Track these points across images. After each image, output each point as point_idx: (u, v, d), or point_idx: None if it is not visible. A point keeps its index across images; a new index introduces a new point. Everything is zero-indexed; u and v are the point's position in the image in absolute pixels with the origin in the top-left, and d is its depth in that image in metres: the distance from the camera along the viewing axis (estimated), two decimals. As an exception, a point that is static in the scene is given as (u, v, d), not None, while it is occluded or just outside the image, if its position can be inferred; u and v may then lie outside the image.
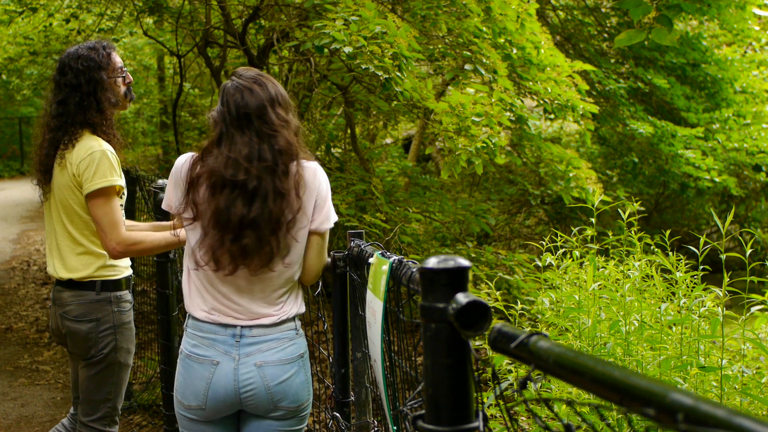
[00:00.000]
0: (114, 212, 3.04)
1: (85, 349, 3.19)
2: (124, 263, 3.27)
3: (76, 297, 3.16)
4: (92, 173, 3.03)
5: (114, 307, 3.18)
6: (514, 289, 5.92)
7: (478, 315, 1.23)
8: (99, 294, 3.16)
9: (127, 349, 3.25)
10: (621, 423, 2.69)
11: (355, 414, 2.77)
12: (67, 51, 3.26)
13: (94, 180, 3.03)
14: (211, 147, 2.44)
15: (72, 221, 3.14)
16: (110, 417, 3.26)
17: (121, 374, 3.26)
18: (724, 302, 2.89)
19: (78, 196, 3.09)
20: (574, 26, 10.53)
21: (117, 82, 3.22)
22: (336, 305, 2.76)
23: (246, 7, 7.49)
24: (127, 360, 3.26)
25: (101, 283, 3.16)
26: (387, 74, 4.65)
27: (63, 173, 3.11)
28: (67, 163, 3.09)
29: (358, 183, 6.66)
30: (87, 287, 3.16)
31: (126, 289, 3.27)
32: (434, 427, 1.27)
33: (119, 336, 3.20)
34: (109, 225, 3.02)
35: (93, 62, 3.15)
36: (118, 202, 3.09)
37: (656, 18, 3.59)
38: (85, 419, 3.25)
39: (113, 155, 3.10)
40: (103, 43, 3.24)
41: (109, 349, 3.19)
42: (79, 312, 3.16)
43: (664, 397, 0.87)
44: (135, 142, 16.62)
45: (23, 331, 7.10)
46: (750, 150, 9.48)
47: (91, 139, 3.10)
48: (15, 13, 9.99)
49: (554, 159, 7.16)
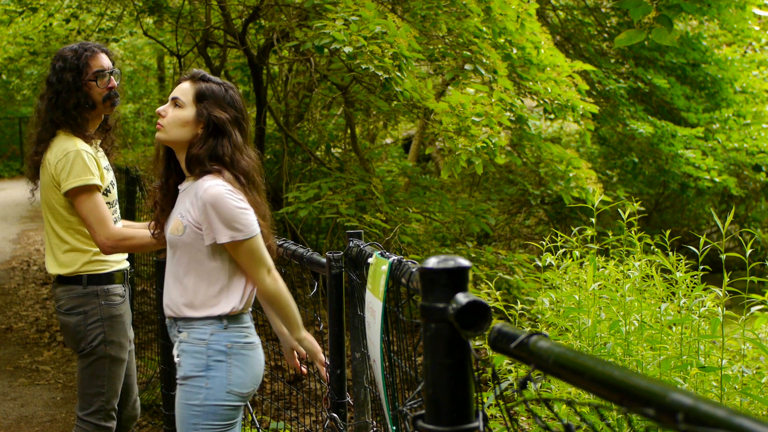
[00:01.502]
0: (98, 208, 3.10)
1: (76, 341, 3.27)
2: (115, 257, 3.29)
3: (66, 291, 3.25)
4: (67, 173, 3.09)
5: (101, 300, 3.23)
6: (514, 289, 5.92)
7: (478, 315, 1.23)
8: (86, 287, 3.23)
9: (118, 342, 3.27)
10: (621, 423, 2.69)
11: (354, 414, 2.77)
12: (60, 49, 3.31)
13: (69, 180, 3.09)
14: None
15: (56, 220, 3.22)
16: (104, 411, 3.29)
17: (114, 368, 3.29)
18: (724, 302, 2.89)
19: (58, 196, 3.16)
20: (574, 26, 10.53)
21: (90, 85, 3.22)
22: (331, 306, 2.76)
23: (246, 7, 7.49)
24: (119, 354, 3.28)
25: (87, 277, 3.23)
26: (387, 74, 4.65)
27: (44, 173, 3.20)
28: (47, 163, 3.17)
29: (358, 183, 6.66)
30: (75, 281, 3.24)
31: (118, 282, 3.31)
32: (434, 427, 1.27)
33: (108, 329, 3.24)
34: (95, 222, 3.08)
35: (67, 63, 3.21)
36: (101, 198, 3.14)
37: (656, 18, 3.59)
38: (80, 413, 3.30)
39: (89, 155, 3.14)
40: (86, 45, 3.27)
41: (98, 342, 3.24)
42: (69, 305, 3.25)
43: (664, 397, 0.87)
44: (135, 142, 16.62)
45: (23, 331, 7.10)
46: (750, 150, 9.48)
47: (67, 140, 3.16)
48: (15, 13, 9.99)
49: (554, 159, 7.16)
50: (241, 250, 2.52)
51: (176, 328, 2.62)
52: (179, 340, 2.60)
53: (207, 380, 2.53)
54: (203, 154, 2.56)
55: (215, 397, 2.53)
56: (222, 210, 2.47)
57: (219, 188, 2.49)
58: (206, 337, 2.55)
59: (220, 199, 2.47)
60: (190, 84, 2.65)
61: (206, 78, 2.66)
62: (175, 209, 2.64)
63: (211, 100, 2.60)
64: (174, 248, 2.61)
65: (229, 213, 2.48)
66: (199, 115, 2.59)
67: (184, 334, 2.59)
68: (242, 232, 2.50)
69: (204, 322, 2.55)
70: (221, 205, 2.47)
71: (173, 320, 2.64)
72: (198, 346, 2.55)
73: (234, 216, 2.48)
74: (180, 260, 2.60)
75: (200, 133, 2.59)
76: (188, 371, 2.55)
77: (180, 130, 2.60)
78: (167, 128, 2.60)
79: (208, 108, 2.59)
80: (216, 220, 2.48)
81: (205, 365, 2.53)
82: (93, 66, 3.24)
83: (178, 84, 2.70)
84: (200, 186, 2.52)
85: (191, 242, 2.55)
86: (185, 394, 2.55)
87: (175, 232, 2.58)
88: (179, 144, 2.62)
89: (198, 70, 2.71)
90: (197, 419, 2.53)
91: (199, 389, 2.53)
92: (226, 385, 2.54)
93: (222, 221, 2.48)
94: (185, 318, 2.58)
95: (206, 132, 2.59)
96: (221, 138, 2.58)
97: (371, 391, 2.70)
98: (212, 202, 2.47)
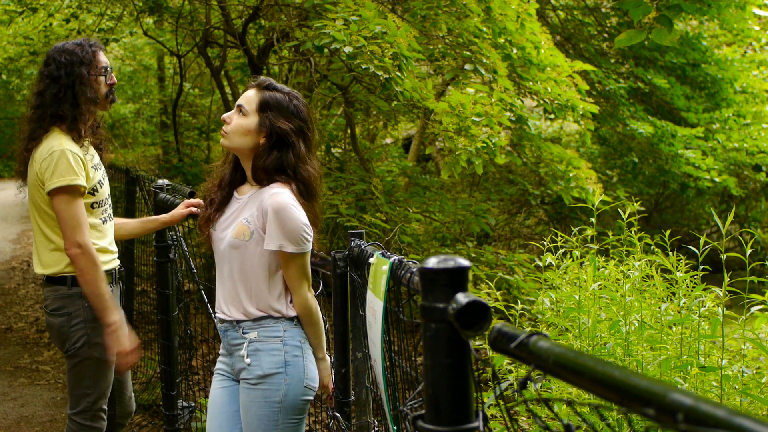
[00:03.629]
0: (75, 212, 3.09)
1: (61, 342, 3.27)
2: (102, 258, 3.24)
3: (52, 291, 3.25)
4: (51, 173, 3.07)
5: (85, 301, 3.21)
6: (514, 289, 5.92)
7: (478, 315, 1.23)
8: (70, 289, 3.22)
9: (102, 344, 3.25)
10: (621, 423, 2.69)
11: (355, 414, 2.77)
12: (54, 45, 3.31)
13: (53, 179, 3.08)
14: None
15: (42, 218, 3.21)
16: (91, 412, 3.29)
17: (99, 370, 3.27)
18: (724, 302, 2.89)
19: (43, 195, 3.15)
20: (574, 26, 10.52)
21: (98, 80, 3.24)
22: (336, 305, 2.77)
23: (246, 7, 7.49)
24: (104, 356, 3.25)
25: (71, 278, 3.21)
26: (387, 74, 4.65)
27: (31, 171, 3.19)
28: (33, 161, 3.16)
29: (358, 183, 6.66)
30: (60, 282, 3.23)
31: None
32: (434, 427, 1.27)
33: (91, 331, 3.23)
34: (69, 226, 3.08)
35: (76, 57, 3.19)
36: (81, 203, 3.12)
37: (656, 18, 3.59)
38: (69, 412, 3.32)
39: (74, 155, 3.11)
40: (90, 42, 3.27)
41: (82, 344, 3.23)
42: (54, 306, 3.24)
43: (664, 397, 0.87)
44: (135, 142, 16.61)
45: (23, 331, 7.10)
46: (750, 150, 9.47)
47: (56, 138, 3.14)
48: (15, 13, 9.98)
49: (554, 159, 7.16)
50: (292, 262, 2.56)
51: (239, 330, 2.62)
52: (248, 340, 2.59)
53: (286, 376, 2.56)
54: (270, 167, 2.60)
55: (294, 392, 2.57)
56: (284, 220, 2.51)
57: (285, 198, 2.53)
58: (281, 333, 2.58)
59: (285, 208, 2.51)
60: (255, 92, 2.66)
61: (272, 86, 2.67)
62: (236, 214, 2.65)
63: (274, 110, 2.62)
64: (234, 251, 2.61)
65: (290, 224, 2.51)
66: (262, 124, 2.61)
67: (252, 333, 2.59)
68: (298, 246, 2.54)
69: (275, 320, 2.59)
70: (284, 215, 2.51)
71: (235, 323, 2.63)
72: (274, 344, 2.57)
73: (294, 228, 2.52)
74: (243, 264, 2.60)
75: (263, 143, 2.61)
76: (267, 369, 2.56)
77: (242, 139, 2.62)
78: (230, 136, 2.63)
79: (272, 118, 2.61)
80: (275, 226, 2.51)
81: (284, 361, 2.56)
82: (99, 62, 3.26)
83: (245, 90, 2.72)
84: (267, 192, 2.56)
85: (256, 247, 2.57)
86: (263, 393, 2.56)
87: (240, 236, 2.59)
88: (242, 152, 2.65)
89: (265, 78, 2.72)
90: (278, 415, 2.55)
91: (279, 386, 2.55)
92: (303, 379, 2.59)
93: (281, 229, 2.51)
94: (255, 318, 2.59)
95: (269, 142, 2.61)
96: (285, 149, 2.60)
97: (372, 390, 2.71)
98: (276, 209, 2.51)
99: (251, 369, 2.58)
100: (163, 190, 3.92)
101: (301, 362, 2.59)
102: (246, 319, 2.60)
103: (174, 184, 4.11)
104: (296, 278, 2.58)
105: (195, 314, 4.94)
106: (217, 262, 2.70)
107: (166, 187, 3.97)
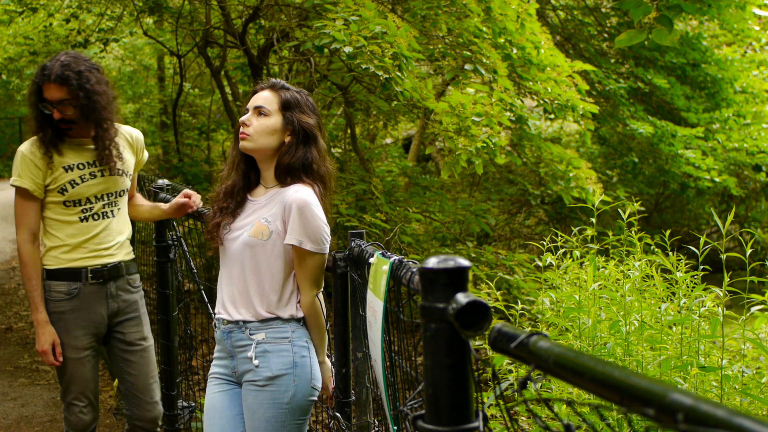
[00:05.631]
0: (19, 211, 3.24)
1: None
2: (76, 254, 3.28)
3: None
4: (12, 171, 3.26)
5: (46, 294, 3.28)
6: (514, 289, 5.92)
7: (478, 315, 1.23)
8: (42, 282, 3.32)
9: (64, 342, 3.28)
10: (621, 423, 2.69)
11: (355, 414, 2.77)
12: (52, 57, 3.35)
13: (12, 177, 3.26)
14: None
15: None
16: (71, 406, 3.35)
17: (66, 367, 3.31)
18: (724, 302, 2.89)
19: None
20: (574, 26, 10.53)
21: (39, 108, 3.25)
22: (337, 305, 2.77)
23: (246, 7, 7.49)
24: (66, 353, 3.28)
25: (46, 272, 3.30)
26: (387, 74, 4.65)
27: None
28: None
29: (358, 183, 6.66)
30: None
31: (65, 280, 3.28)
32: (434, 427, 1.27)
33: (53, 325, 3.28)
34: (18, 222, 3.25)
35: (35, 78, 3.27)
36: (28, 204, 3.22)
37: (656, 18, 3.59)
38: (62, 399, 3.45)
39: (24, 157, 3.21)
40: (45, 71, 3.20)
41: None
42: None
43: (664, 397, 0.87)
44: (135, 142, 16.58)
45: (23, 331, 7.10)
46: (750, 150, 9.48)
47: (28, 141, 3.29)
48: (15, 13, 9.99)
49: (554, 159, 7.16)
50: (308, 260, 2.57)
51: (246, 331, 2.61)
52: (256, 341, 2.59)
53: (294, 377, 2.56)
54: (296, 163, 2.61)
55: (302, 392, 2.57)
56: (307, 217, 2.52)
57: (310, 197, 2.55)
58: (289, 334, 2.58)
59: (309, 206, 2.53)
60: (271, 93, 2.67)
61: (286, 86, 2.71)
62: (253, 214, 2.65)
63: (296, 108, 2.65)
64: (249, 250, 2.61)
65: (313, 223, 2.53)
66: (288, 122, 2.63)
67: (260, 335, 2.59)
68: (317, 245, 2.55)
69: (283, 321, 2.59)
70: (308, 212, 2.52)
71: (242, 323, 2.62)
72: (282, 345, 2.57)
73: (316, 227, 2.54)
74: (258, 263, 2.60)
75: (288, 141, 2.63)
76: (277, 370, 2.56)
77: (268, 139, 2.62)
78: (254, 137, 2.62)
79: (296, 116, 2.63)
80: (298, 222, 2.52)
81: (292, 362, 2.56)
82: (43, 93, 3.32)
83: (255, 93, 2.72)
84: (290, 190, 2.57)
85: (273, 247, 2.58)
86: (272, 394, 2.56)
87: (257, 235, 2.58)
88: (265, 152, 2.65)
89: (277, 80, 2.75)
90: (286, 416, 2.56)
91: (288, 387, 2.56)
92: (310, 380, 2.60)
93: (303, 226, 2.52)
94: (264, 319, 2.59)
95: (296, 139, 2.63)
96: (310, 145, 2.64)
97: (372, 390, 2.71)
98: (301, 206, 2.52)
99: (259, 371, 2.56)
100: (163, 190, 3.92)
101: (308, 362, 2.59)
102: (254, 320, 2.59)
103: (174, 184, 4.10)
104: (308, 278, 2.59)
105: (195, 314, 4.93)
106: (225, 263, 2.68)
107: (166, 187, 3.97)
